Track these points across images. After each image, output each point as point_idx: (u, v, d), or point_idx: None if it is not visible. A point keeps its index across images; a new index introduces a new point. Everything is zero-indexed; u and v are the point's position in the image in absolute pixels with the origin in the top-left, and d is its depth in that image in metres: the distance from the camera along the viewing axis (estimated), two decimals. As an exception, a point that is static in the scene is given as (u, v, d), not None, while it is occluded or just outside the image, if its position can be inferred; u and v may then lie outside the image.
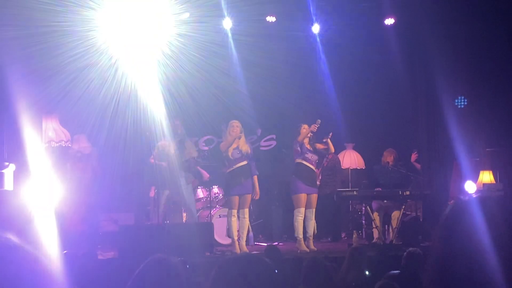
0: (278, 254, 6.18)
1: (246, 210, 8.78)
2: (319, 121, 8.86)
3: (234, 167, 8.71)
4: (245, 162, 8.75)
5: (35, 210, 6.73)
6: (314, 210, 8.98)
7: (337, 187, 10.15)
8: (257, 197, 8.90)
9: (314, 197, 9.00)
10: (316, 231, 9.61)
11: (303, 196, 8.87)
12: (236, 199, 8.69)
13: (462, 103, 10.22)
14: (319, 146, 9.06)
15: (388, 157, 9.72)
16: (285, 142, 10.64)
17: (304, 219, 8.89)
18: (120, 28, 9.27)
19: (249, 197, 8.78)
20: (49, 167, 7.47)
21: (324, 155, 9.71)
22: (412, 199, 9.38)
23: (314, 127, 8.85)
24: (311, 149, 8.96)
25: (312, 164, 8.99)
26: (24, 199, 6.87)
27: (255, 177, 8.83)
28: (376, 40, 10.73)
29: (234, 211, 8.70)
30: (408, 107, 11.00)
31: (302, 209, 8.84)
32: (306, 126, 8.96)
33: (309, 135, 8.93)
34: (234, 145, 8.73)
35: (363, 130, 11.40)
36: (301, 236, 8.81)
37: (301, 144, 8.96)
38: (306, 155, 8.94)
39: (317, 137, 9.05)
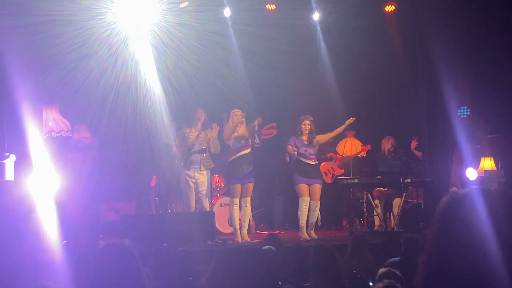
0: (279, 242, 6.18)
1: (248, 199, 8.78)
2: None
3: (237, 155, 8.69)
4: (248, 150, 8.73)
5: (36, 201, 6.74)
6: (318, 202, 8.94)
7: None
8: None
9: (317, 188, 8.93)
10: (320, 223, 9.61)
11: (303, 186, 8.87)
12: (238, 187, 8.69)
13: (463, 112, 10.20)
14: (321, 138, 9.00)
15: (386, 145, 9.74)
16: (286, 130, 10.62)
17: (308, 209, 8.88)
18: (119, 17, 9.24)
19: (251, 185, 8.77)
20: (49, 157, 7.46)
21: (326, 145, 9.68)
22: (413, 187, 9.39)
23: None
24: (307, 143, 8.92)
25: (307, 158, 8.95)
26: (25, 190, 6.88)
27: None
28: (377, 27, 10.67)
29: (236, 200, 8.70)
30: (409, 94, 10.96)
31: (306, 198, 8.83)
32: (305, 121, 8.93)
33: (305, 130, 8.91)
34: (236, 134, 8.70)
35: (363, 118, 11.36)
36: (304, 224, 8.81)
37: (298, 140, 8.92)
38: (300, 150, 8.91)
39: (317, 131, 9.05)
